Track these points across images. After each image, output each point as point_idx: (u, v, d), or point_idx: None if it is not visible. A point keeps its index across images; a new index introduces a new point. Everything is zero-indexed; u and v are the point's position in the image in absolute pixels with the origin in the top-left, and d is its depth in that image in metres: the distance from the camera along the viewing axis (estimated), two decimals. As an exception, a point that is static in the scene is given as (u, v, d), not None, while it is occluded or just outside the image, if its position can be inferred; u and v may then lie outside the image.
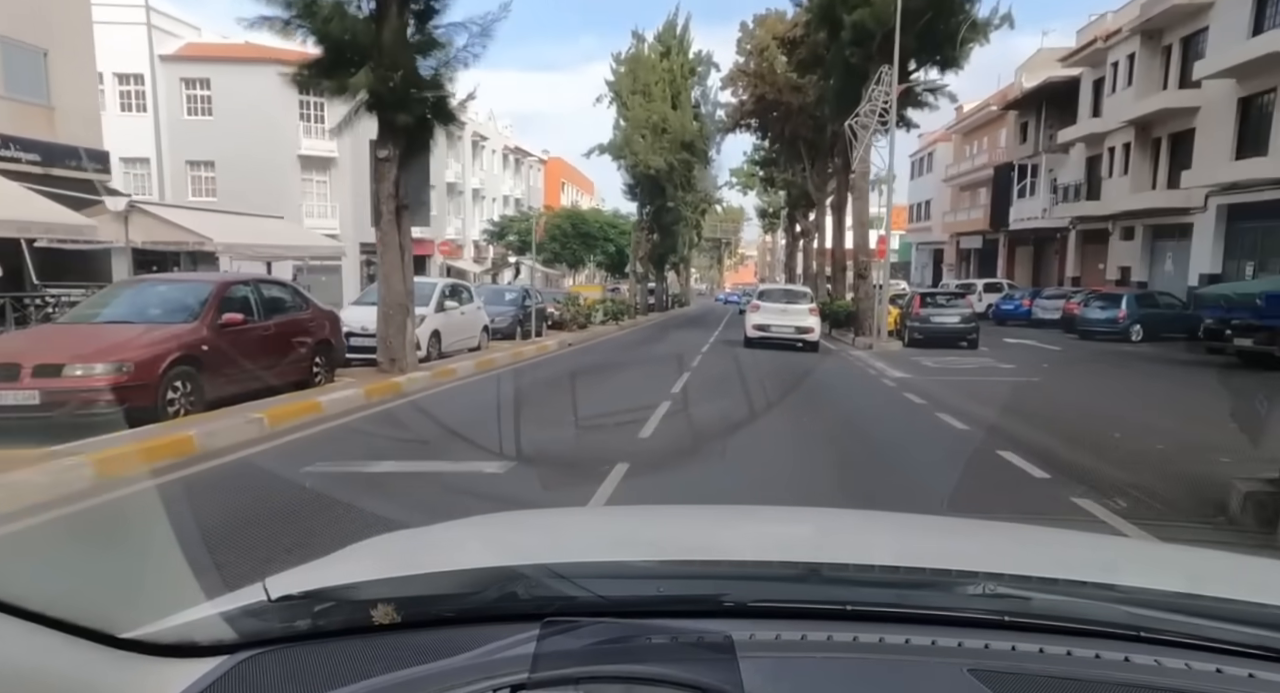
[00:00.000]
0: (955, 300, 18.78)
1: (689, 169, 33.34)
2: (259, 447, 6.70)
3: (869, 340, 18.96)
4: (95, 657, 0.87)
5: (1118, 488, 5.55)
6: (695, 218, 52.69)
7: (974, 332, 18.22)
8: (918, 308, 18.53)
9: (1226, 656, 0.88)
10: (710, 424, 8.22)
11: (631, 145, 30.06)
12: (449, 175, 41.55)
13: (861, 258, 19.88)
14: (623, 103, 31.06)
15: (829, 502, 5.29)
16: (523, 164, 57.29)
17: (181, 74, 29.13)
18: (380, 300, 10.05)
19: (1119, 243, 29.32)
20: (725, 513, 2.05)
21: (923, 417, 8.92)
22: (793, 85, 28.89)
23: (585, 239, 44.29)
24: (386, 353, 10.00)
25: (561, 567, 1.06)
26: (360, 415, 8.38)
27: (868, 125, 18.31)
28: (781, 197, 54.71)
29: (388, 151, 9.51)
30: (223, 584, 1.25)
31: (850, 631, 0.92)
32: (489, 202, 49.65)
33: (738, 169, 56.56)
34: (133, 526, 4.62)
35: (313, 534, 4.31)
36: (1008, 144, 41.40)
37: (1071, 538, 1.76)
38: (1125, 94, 27.71)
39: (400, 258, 9.84)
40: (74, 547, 4.25)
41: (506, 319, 17.52)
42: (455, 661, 0.87)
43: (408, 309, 10.04)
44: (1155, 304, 20.60)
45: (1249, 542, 4.46)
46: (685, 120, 31.00)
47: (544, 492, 5.53)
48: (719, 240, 79.16)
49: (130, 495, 5.11)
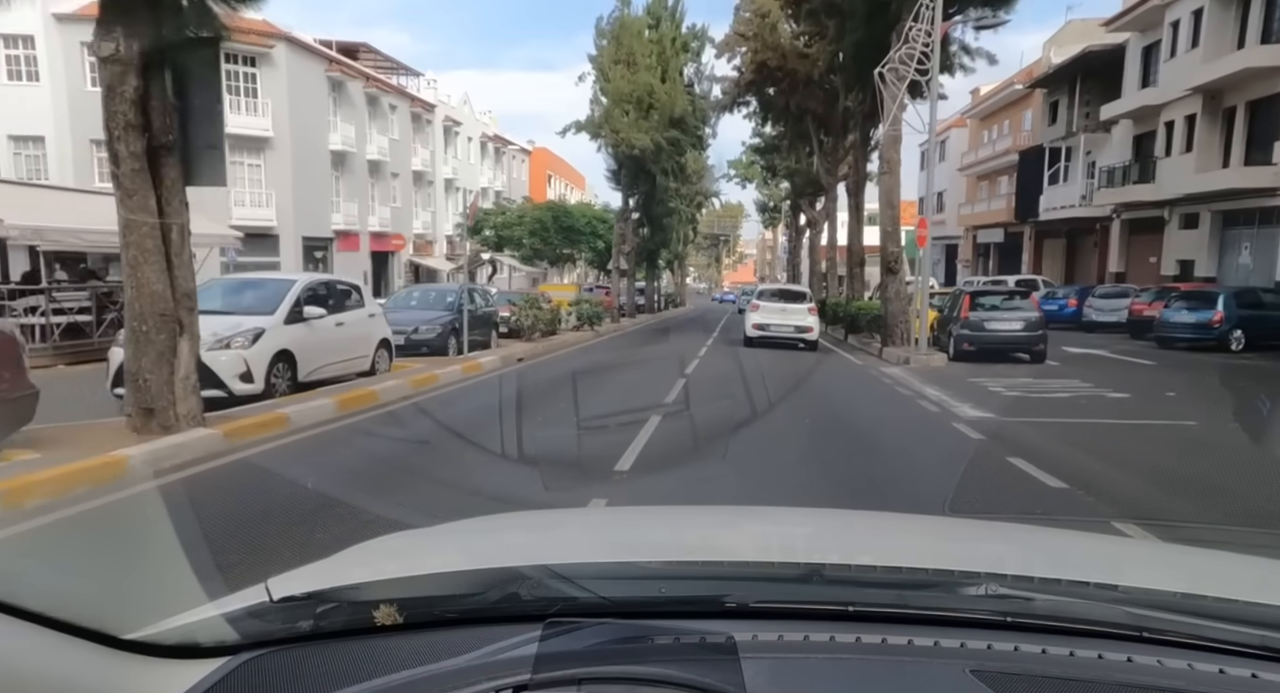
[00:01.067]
0: (1016, 301, 14.64)
1: (680, 152, 29.16)
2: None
3: (903, 351, 14.87)
4: (98, 658, 0.87)
5: None
6: (690, 212, 48.86)
7: (1041, 341, 14.14)
8: (967, 310, 14.41)
9: (1229, 656, 0.87)
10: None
11: (612, 121, 25.90)
12: (415, 163, 37.37)
13: (891, 248, 15.78)
14: (603, 74, 26.90)
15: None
16: (504, 154, 53.01)
17: (83, 37, 24.75)
18: (126, 309, 5.90)
19: (1178, 232, 25.23)
20: (727, 514, 2.02)
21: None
22: (799, 52, 24.87)
23: (569, 234, 40.11)
24: (137, 398, 5.86)
25: (563, 568, 1.06)
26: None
27: (904, 74, 14.17)
28: (783, 189, 50.89)
29: (118, 47, 5.37)
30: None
31: (853, 631, 0.91)
32: (464, 193, 45.45)
33: (736, 161, 52.67)
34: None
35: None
36: (1034, 127, 37.40)
37: (1073, 538, 1.73)
38: (1189, 57, 23.59)
39: (160, 238, 5.72)
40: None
41: (435, 329, 13.39)
42: (457, 661, 0.87)
43: (178, 323, 5.91)
44: (1260, 304, 16.44)
45: None
46: (675, 93, 26.82)
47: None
48: (717, 237, 75.11)
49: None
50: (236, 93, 25.77)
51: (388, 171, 34.97)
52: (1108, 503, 5.11)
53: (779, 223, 60.91)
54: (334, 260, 30.36)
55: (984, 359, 14.29)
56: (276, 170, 26.82)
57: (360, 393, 8.54)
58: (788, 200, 47.61)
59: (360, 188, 32.48)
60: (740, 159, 51.90)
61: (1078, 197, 30.93)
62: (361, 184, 32.65)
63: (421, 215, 39.33)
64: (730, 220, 72.38)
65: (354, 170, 31.89)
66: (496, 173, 51.25)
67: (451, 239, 42.76)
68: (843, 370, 13.99)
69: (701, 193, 49.34)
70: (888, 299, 16.01)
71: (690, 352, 16.00)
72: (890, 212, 15.88)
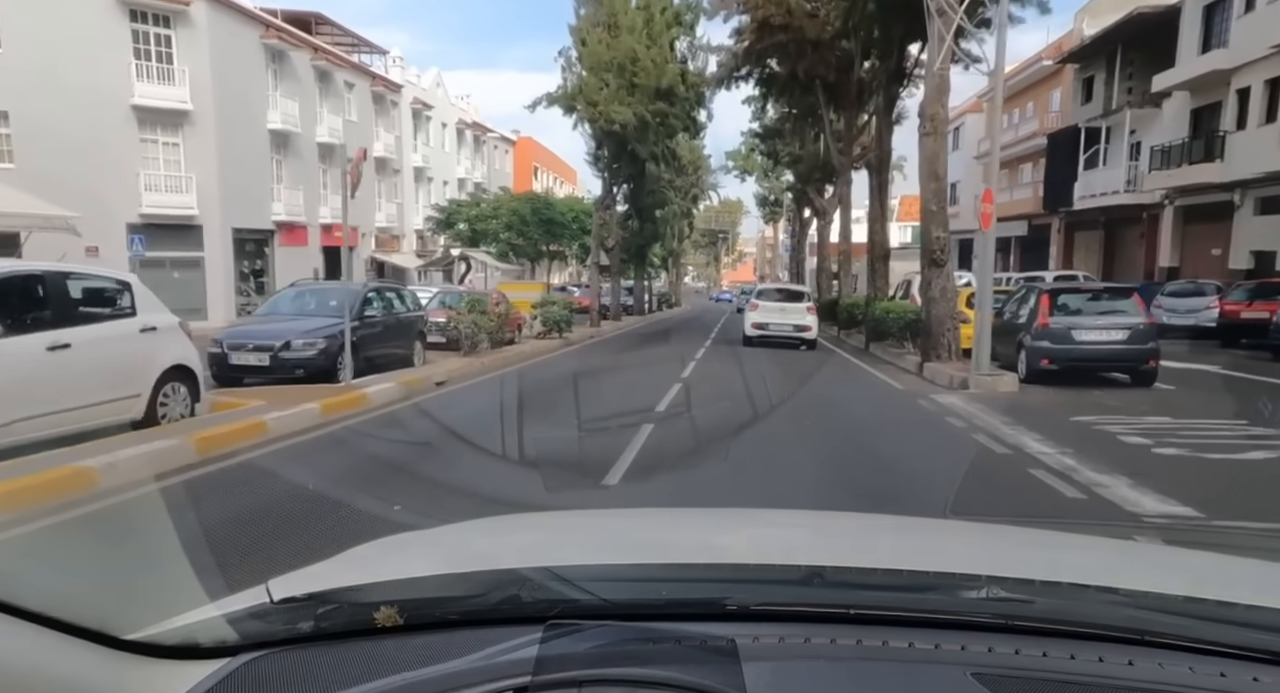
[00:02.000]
0: (1113, 302, 10.81)
1: (670, 132, 25.33)
2: None
3: (954, 369, 11.13)
4: (99, 659, 0.86)
5: None
6: (686, 206, 45.01)
7: (1152, 355, 10.40)
8: (1046, 315, 10.62)
9: (1231, 659, 0.87)
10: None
11: (588, 92, 22.10)
12: (378, 148, 33.50)
13: (936, 233, 12.02)
14: (580, 41, 23.10)
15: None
16: (484, 144, 49.17)
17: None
18: None
19: (1253, 219, 21.47)
20: (728, 516, 2.00)
21: None
22: (806, 11, 21.20)
23: (549, 227, 36.30)
24: None
25: (564, 570, 1.05)
26: None
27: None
28: (785, 182, 47.00)
29: None
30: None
31: (853, 634, 0.91)
32: (437, 184, 41.60)
33: (734, 152, 48.86)
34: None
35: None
36: (1064, 107, 33.75)
37: (1074, 541, 1.75)
38: (1269, 11, 19.87)
39: None
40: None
41: (316, 344, 9.61)
42: (458, 663, 0.86)
43: None
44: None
45: None
46: (662, 62, 23.01)
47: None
48: (716, 235, 71.30)
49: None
50: (145, 57, 21.93)
51: (342, 157, 31.07)
52: None
53: (780, 218, 57.33)
54: (275, 257, 26.56)
55: (1067, 381, 10.56)
56: (198, 150, 22.97)
57: (44, 478, 4.75)
58: (790, 192, 43.84)
59: (309, 175, 28.65)
60: (739, 150, 48.23)
61: (1121, 182, 27.13)
62: (311, 170, 28.81)
63: (386, 207, 35.48)
64: (729, 217, 68.64)
65: (300, 154, 28.05)
66: (476, 163, 47.41)
67: (422, 234, 38.91)
68: (880, 398, 10.24)
69: (698, 186, 45.64)
70: (931, 299, 12.25)
71: (674, 366, 12.24)
72: (935, 185, 12.12)
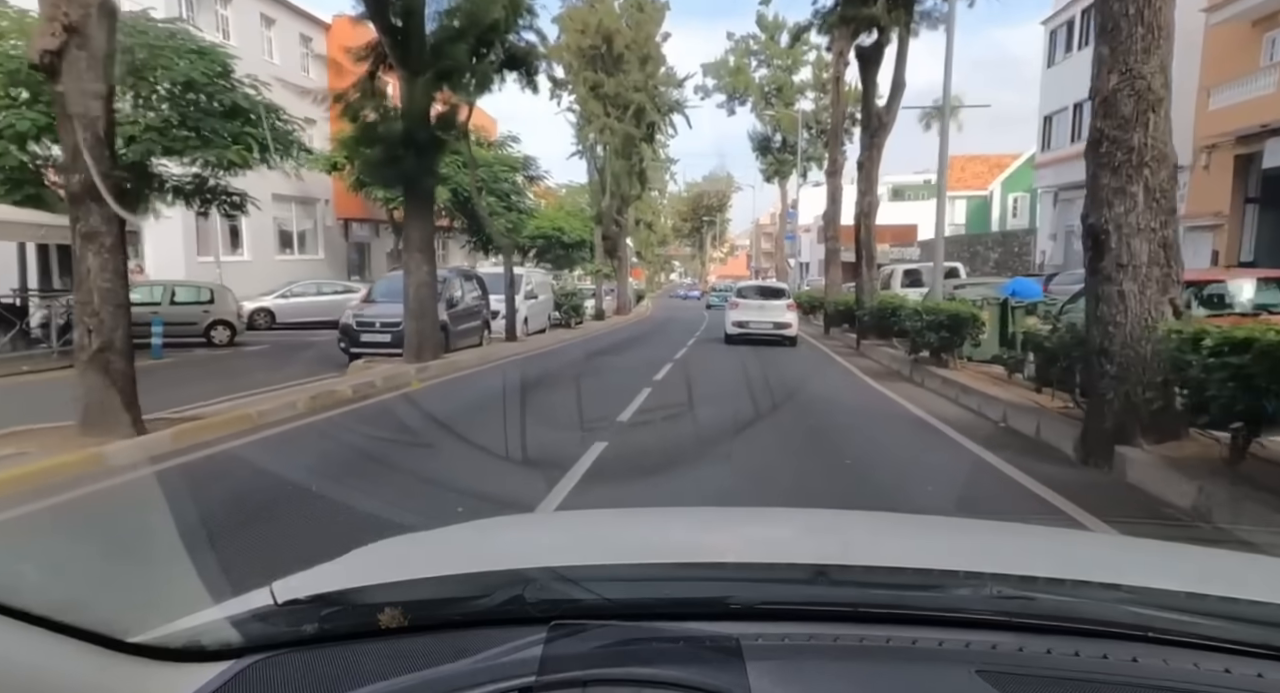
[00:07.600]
0: None
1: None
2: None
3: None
4: (102, 661, 0.87)
5: None
6: (632, 130, 28.26)
7: None
8: None
9: (1235, 655, 0.87)
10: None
11: None
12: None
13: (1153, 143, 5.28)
14: None
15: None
16: None
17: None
18: None
19: None
20: (731, 515, 2.04)
21: None
22: None
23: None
24: None
25: (568, 570, 1.05)
26: None
27: None
28: (797, 85, 36.04)
29: None
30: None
31: (857, 632, 0.91)
32: None
33: (717, 63, 37.55)
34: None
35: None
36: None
37: (1077, 538, 1.82)
38: None
39: None
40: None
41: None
42: (462, 664, 0.87)
43: None
44: None
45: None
46: None
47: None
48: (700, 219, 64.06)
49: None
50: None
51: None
52: None
53: (789, 173, 41.72)
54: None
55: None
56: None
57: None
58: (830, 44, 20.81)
59: None
60: (725, 60, 36.42)
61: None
62: None
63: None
64: (717, 197, 61.49)
65: None
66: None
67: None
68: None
69: (654, 101, 29.28)
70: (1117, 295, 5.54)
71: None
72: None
